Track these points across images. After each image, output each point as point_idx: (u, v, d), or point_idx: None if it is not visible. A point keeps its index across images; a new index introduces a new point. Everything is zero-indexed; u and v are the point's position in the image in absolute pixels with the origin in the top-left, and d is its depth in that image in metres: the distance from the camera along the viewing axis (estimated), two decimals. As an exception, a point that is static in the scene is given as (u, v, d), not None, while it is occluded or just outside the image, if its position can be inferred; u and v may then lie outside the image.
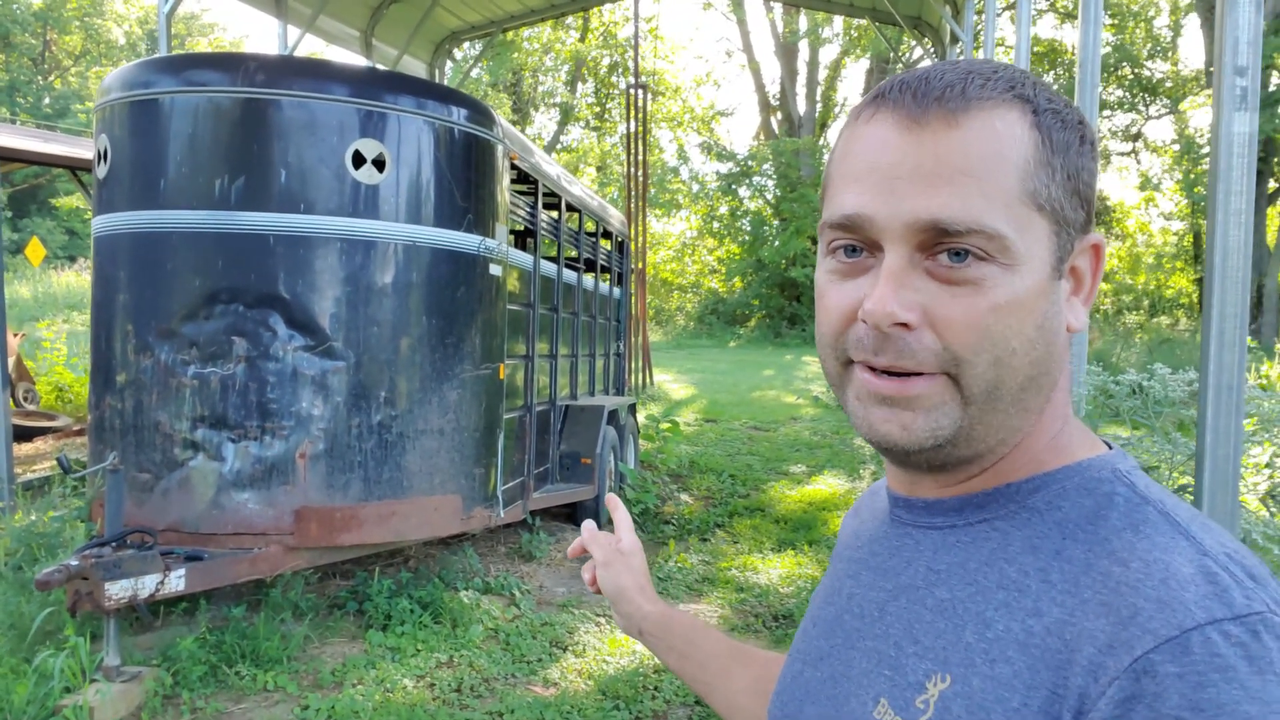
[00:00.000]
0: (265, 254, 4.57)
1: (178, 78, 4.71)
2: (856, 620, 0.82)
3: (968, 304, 0.68)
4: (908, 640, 0.75)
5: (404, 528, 4.81)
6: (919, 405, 0.70)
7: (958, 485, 0.77)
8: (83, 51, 40.46)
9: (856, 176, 0.71)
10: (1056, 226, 0.71)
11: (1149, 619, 0.61)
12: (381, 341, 4.74)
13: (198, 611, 4.67)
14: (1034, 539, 0.72)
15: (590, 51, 27.34)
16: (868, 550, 0.87)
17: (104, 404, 4.77)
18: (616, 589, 1.22)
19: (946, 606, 0.74)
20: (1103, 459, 0.76)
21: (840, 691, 0.80)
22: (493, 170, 5.23)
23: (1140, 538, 0.68)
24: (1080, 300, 0.76)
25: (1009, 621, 0.69)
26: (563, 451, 6.79)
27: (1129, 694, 0.59)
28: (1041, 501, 0.74)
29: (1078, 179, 0.72)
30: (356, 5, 11.16)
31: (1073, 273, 0.75)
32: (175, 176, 4.60)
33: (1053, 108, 0.72)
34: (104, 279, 4.84)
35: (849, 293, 0.72)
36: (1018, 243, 0.68)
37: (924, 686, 0.71)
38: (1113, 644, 0.62)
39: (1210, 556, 0.65)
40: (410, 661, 4.53)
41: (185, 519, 4.54)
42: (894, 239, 0.69)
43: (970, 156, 0.68)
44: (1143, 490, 0.73)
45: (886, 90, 0.73)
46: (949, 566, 0.76)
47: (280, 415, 4.58)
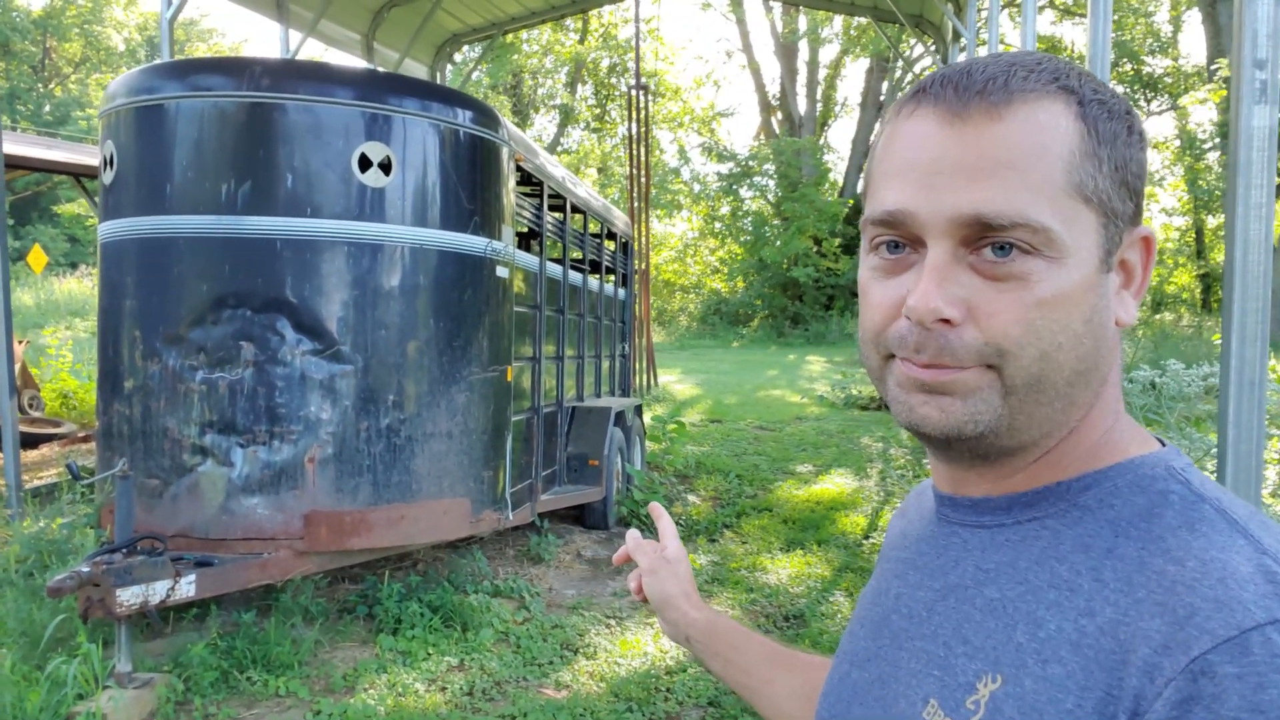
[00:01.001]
0: (272, 258, 4.56)
1: (183, 83, 4.71)
2: (904, 620, 0.82)
3: (1013, 299, 0.67)
4: (957, 640, 0.74)
5: (413, 531, 4.80)
6: (957, 390, 0.70)
7: (1004, 482, 0.76)
8: (83, 59, 40.52)
9: (898, 172, 0.71)
10: (1104, 219, 0.70)
11: (1206, 619, 0.60)
12: (389, 345, 4.73)
13: (209, 617, 4.66)
14: (1086, 537, 0.71)
15: (590, 53, 27.35)
16: (915, 550, 0.86)
17: (112, 410, 4.76)
18: (663, 596, 1.22)
19: (996, 606, 0.73)
20: (1156, 456, 0.75)
21: (889, 692, 0.79)
22: (498, 172, 5.22)
23: (1196, 536, 0.67)
24: (1130, 294, 0.75)
25: (1061, 621, 0.68)
26: (570, 453, 6.78)
27: (1187, 695, 0.58)
28: (1093, 499, 0.73)
29: (1126, 170, 0.71)
30: (358, 9, 11.16)
31: (1123, 266, 0.74)
32: (181, 182, 4.59)
33: (1099, 98, 0.70)
34: (111, 285, 4.84)
35: (892, 289, 0.72)
36: (1064, 235, 0.67)
37: (974, 687, 0.70)
38: (1169, 644, 0.61)
39: (1269, 555, 0.64)
40: (421, 665, 4.52)
41: (195, 524, 4.53)
42: (937, 234, 0.69)
43: (1013, 149, 0.67)
44: (1198, 488, 0.71)
45: (928, 85, 0.72)
46: (998, 565, 0.75)
47: (289, 420, 4.57)
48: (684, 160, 31.45)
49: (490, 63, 24.10)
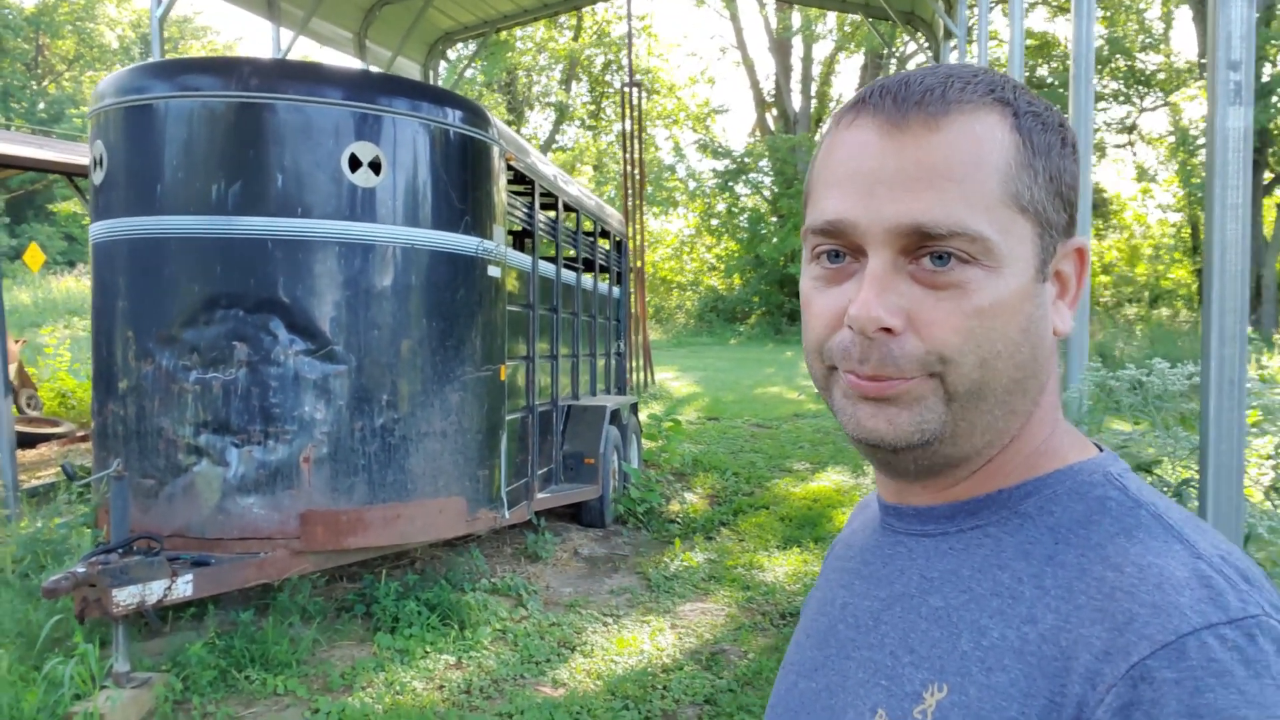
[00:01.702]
0: (264, 258, 4.56)
1: (172, 83, 4.71)
2: (851, 630, 0.82)
3: (952, 307, 0.68)
4: (903, 649, 0.75)
5: (409, 530, 4.81)
6: (902, 402, 0.70)
7: (947, 491, 0.77)
8: (76, 56, 40.40)
9: (838, 182, 0.72)
10: (1040, 229, 0.71)
11: (1145, 625, 0.61)
12: (382, 344, 4.73)
13: (206, 616, 4.67)
14: (1027, 545, 0.72)
15: (584, 50, 27.32)
16: (860, 560, 0.86)
17: (107, 410, 4.76)
18: None
19: (941, 615, 0.73)
20: (1094, 462, 0.75)
21: (837, 702, 0.79)
22: (489, 171, 5.23)
23: (1134, 542, 0.67)
24: (1066, 304, 0.76)
25: (1004, 629, 0.68)
26: (566, 452, 6.80)
27: (1127, 701, 0.59)
28: (1033, 507, 0.73)
29: (1060, 181, 0.72)
30: (349, 7, 11.15)
31: (1058, 276, 0.74)
32: (172, 182, 4.59)
33: (1033, 110, 0.72)
34: (103, 285, 4.84)
35: (834, 298, 0.72)
36: (1000, 245, 0.68)
37: (921, 696, 0.71)
38: (1109, 651, 0.62)
39: (1205, 560, 0.65)
40: (419, 663, 4.53)
41: (191, 524, 4.54)
42: (877, 244, 0.69)
43: (951, 160, 0.68)
44: (1135, 493, 0.72)
45: (867, 95, 0.73)
46: (942, 574, 0.75)
47: (283, 419, 4.57)
48: (679, 157, 31.46)
49: (484, 60, 24.08)
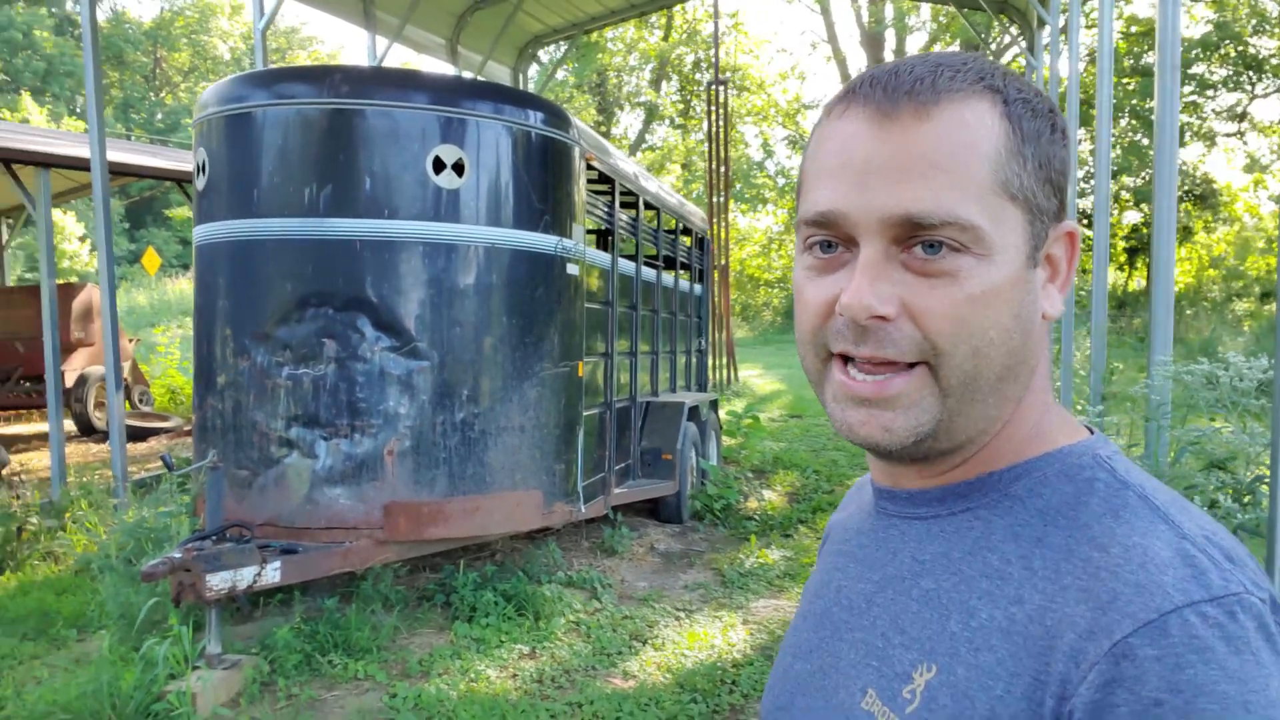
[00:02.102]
0: (352, 259, 4.73)
1: (269, 91, 4.92)
2: (845, 613, 0.83)
3: (944, 295, 0.69)
4: (894, 631, 0.76)
5: (487, 522, 4.93)
6: (898, 405, 0.71)
7: (940, 476, 0.78)
8: (191, 68, 42.29)
9: (830, 172, 0.72)
10: (1030, 215, 0.71)
11: (1127, 603, 0.62)
12: (463, 341, 4.87)
13: (293, 602, 4.87)
14: (1016, 527, 0.72)
15: (674, 49, 27.38)
16: (855, 543, 0.88)
17: (206, 405, 5.00)
18: None
19: (931, 596, 0.74)
20: (1084, 445, 0.76)
21: (829, 683, 0.81)
22: (569, 171, 5.32)
23: (1120, 523, 0.68)
24: (1056, 287, 0.76)
25: (992, 610, 0.69)
26: (644, 447, 6.86)
27: (1109, 678, 0.60)
28: (1023, 489, 0.74)
29: (1049, 167, 0.72)
30: (441, 14, 11.43)
31: (1048, 260, 0.75)
32: (268, 186, 4.80)
33: (1022, 97, 0.72)
34: (205, 286, 5.08)
35: (826, 287, 0.73)
36: (991, 233, 0.68)
37: (910, 676, 0.72)
38: (1093, 629, 0.63)
39: (1188, 539, 0.66)
40: (494, 652, 4.65)
41: (281, 514, 4.74)
42: (868, 233, 0.69)
43: (941, 149, 0.68)
44: (1123, 475, 0.73)
45: (857, 85, 0.73)
46: (933, 557, 0.76)
47: (369, 414, 4.74)
48: (768, 154, 31.24)
49: (576, 62, 24.34)
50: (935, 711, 0.69)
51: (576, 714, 4.07)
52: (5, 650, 4.75)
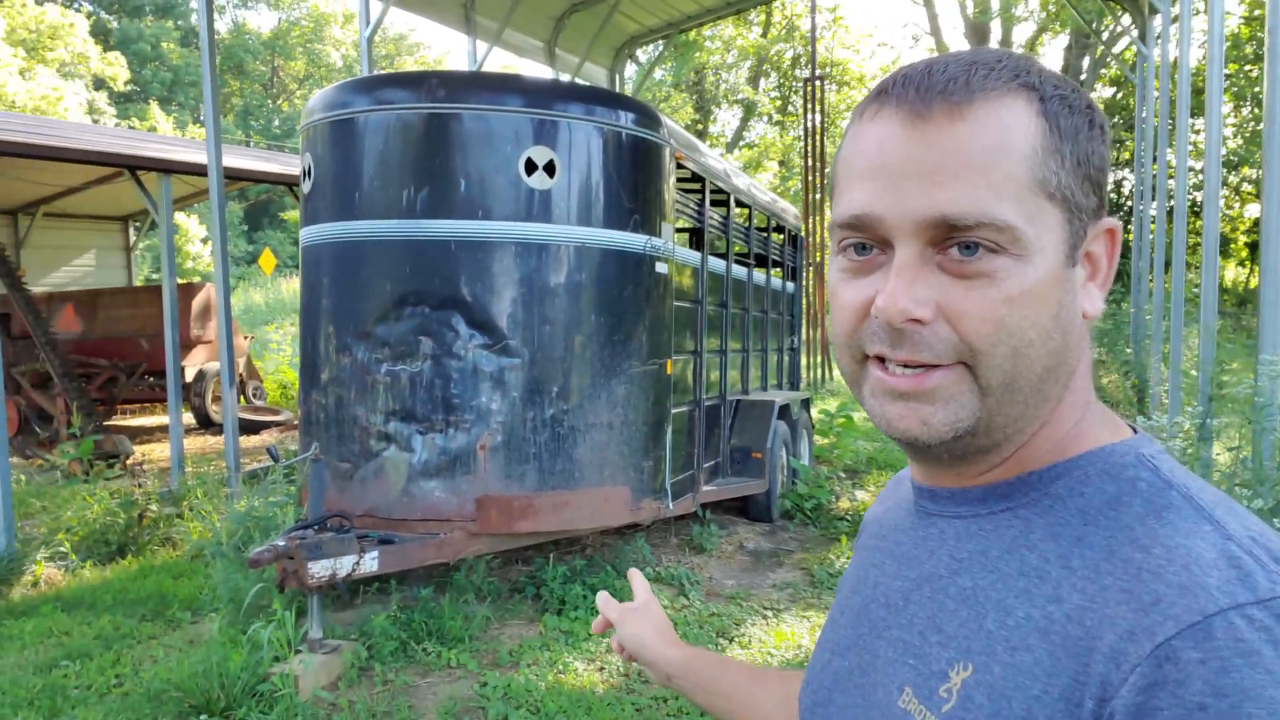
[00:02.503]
0: (448, 259, 4.87)
1: (370, 97, 5.09)
2: (882, 609, 0.83)
3: (981, 296, 0.68)
4: (931, 629, 0.75)
5: (576, 517, 5.01)
6: (936, 398, 0.70)
7: (979, 476, 0.77)
8: (306, 75, 43.90)
9: (863, 175, 0.71)
10: (1068, 214, 0.70)
11: (1171, 605, 0.61)
12: (553, 339, 4.96)
13: (390, 591, 5.04)
14: (1055, 526, 0.71)
15: (773, 46, 27.18)
16: (893, 540, 0.88)
17: (311, 400, 5.22)
18: (637, 640, 1.22)
19: (969, 595, 0.74)
20: (1126, 444, 0.75)
21: (867, 680, 0.81)
22: (659, 171, 5.36)
23: (1163, 523, 0.67)
24: (1096, 285, 0.75)
25: (1029, 609, 0.69)
26: (734, 446, 6.86)
27: (1152, 680, 0.59)
28: (1064, 488, 0.73)
29: (1088, 164, 0.71)
30: (539, 17, 11.62)
31: (1088, 258, 0.74)
32: (369, 189, 4.98)
33: (1059, 94, 0.70)
34: (310, 286, 5.30)
35: (861, 290, 0.72)
36: (1029, 233, 0.68)
37: (947, 675, 0.72)
38: (1134, 630, 0.61)
39: (1234, 541, 0.64)
40: (582, 645, 4.72)
41: (380, 505, 4.91)
42: (904, 236, 0.69)
43: (976, 149, 0.67)
44: (1166, 475, 0.71)
45: (890, 86, 0.72)
46: (971, 555, 0.76)
47: (462, 409, 4.87)
48: (869, 150, 30.56)
49: (673, 61, 24.39)
50: (971, 711, 0.68)
51: (661, 708, 4.11)
52: (126, 630, 5.05)
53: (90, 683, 4.38)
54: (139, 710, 4.02)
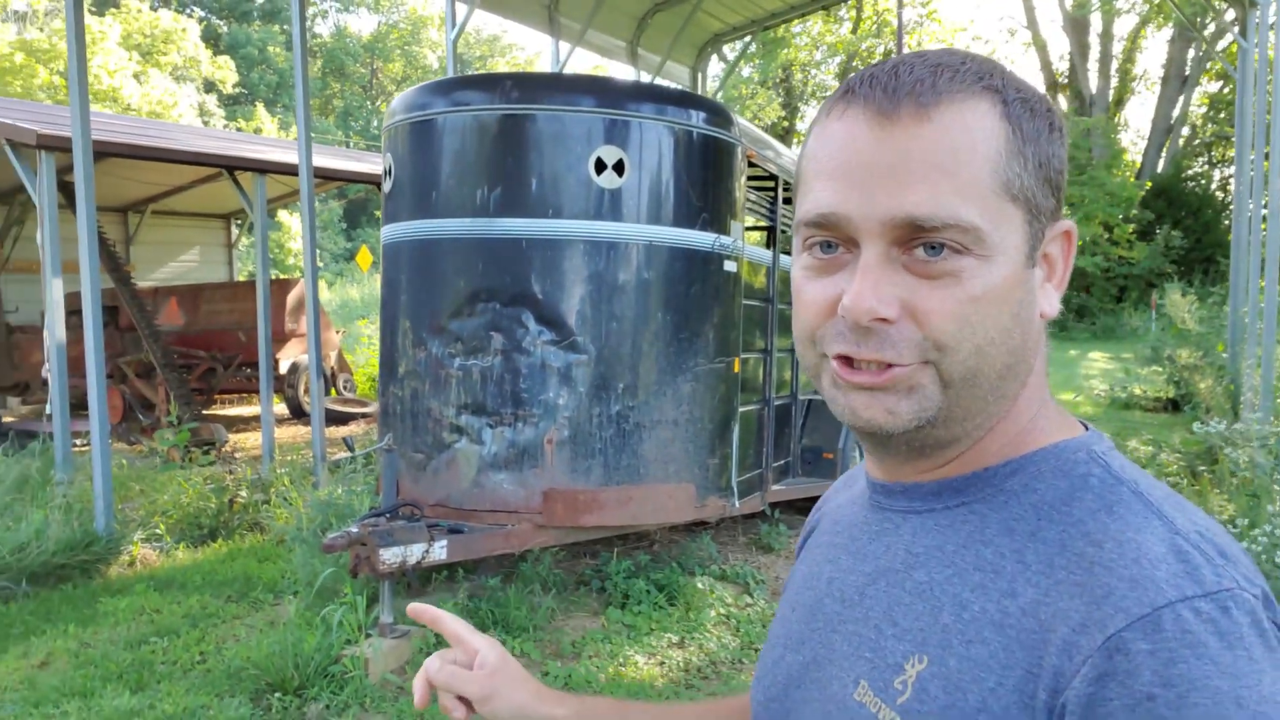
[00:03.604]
0: (519, 257, 4.97)
1: (448, 99, 5.23)
2: (837, 604, 0.83)
3: (946, 295, 0.69)
4: (887, 623, 0.76)
5: (640, 512, 5.07)
6: (900, 388, 0.72)
7: (935, 470, 0.78)
8: (403, 77, 44.96)
9: (830, 174, 0.72)
10: (1029, 215, 0.71)
11: (1121, 598, 0.63)
12: (620, 336, 5.02)
13: (458, 579, 5.17)
14: (1010, 521, 0.73)
15: (863, 41, 26.81)
16: (847, 535, 0.88)
17: (389, 392, 5.38)
18: (516, 712, 1.00)
19: (925, 589, 0.75)
20: (1079, 441, 0.76)
21: (823, 674, 0.81)
22: (729, 169, 5.37)
23: (1114, 518, 0.68)
24: (1053, 286, 0.76)
25: (985, 603, 0.70)
26: (804, 445, 6.83)
27: (1102, 671, 0.61)
28: (1018, 484, 0.74)
29: (1049, 166, 0.72)
30: (622, 17, 11.70)
31: (1045, 259, 0.75)
32: (445, 188, 5.11)
33: (1021, 97, 0.72)
34: (389, 282, 5.47)
35: (826, 288, 0.73)
36: (992, 234, 0.69)
37: (902, 668, 0.73)
38: (1086, 623, 0.63)
39: (1181, 535, 0.66)
40: (644, 639, 4.77)
41: (451, 495, 5.04)
42: (870, 235, 0.70)
43: (942, 151, 0.68)
44: (1117, 471, 0.73)
45: (856, 85, 0.73)
46: (927, 550, 0.77)
47: (531, 404, 4.97)
48: (964, 146, 29.88)
49: (760, 58, 24.26)
50: (926, 703, 0.70)
51: (718, 704, 4.13)
52: (212, 610, 5.30)
53: (176, 659, 4.61)
54: (219, 686, 4.22)
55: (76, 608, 5.32)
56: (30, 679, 4.38)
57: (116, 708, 3.98)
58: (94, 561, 5.91)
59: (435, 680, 1.00)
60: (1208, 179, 27.18)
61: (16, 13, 28.14)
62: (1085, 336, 22.80)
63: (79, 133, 6.25)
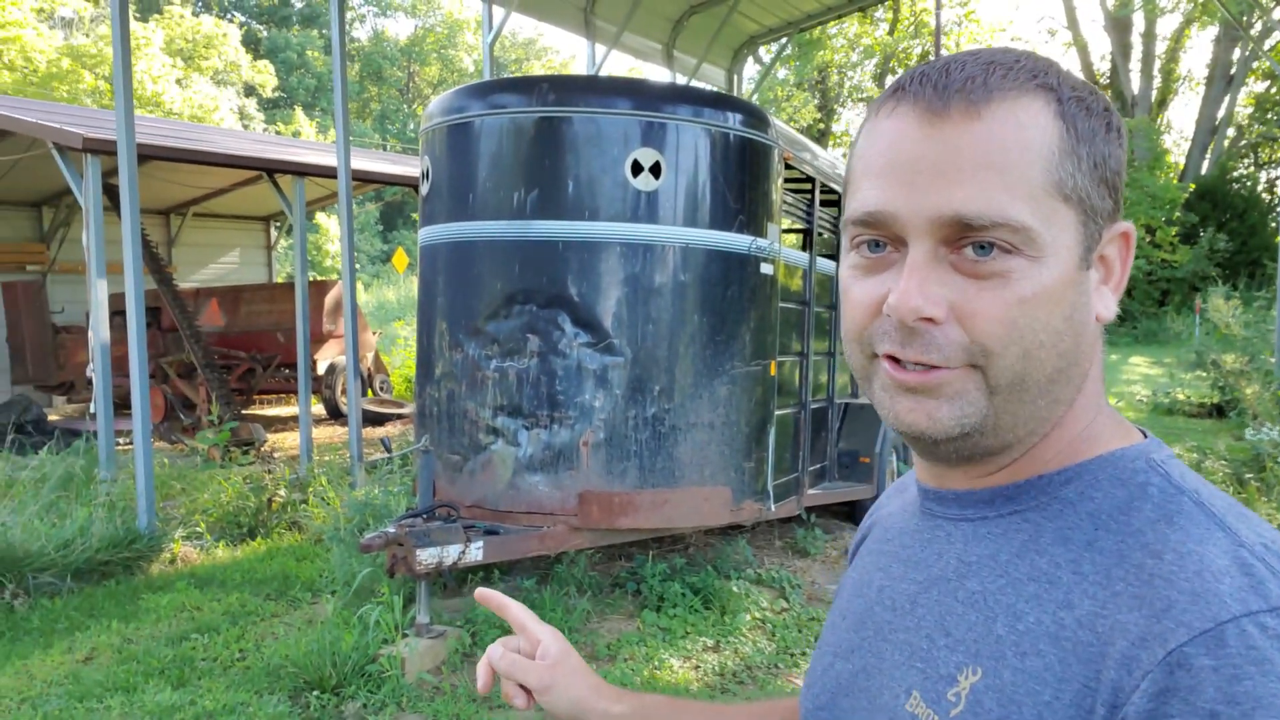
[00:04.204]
0: (555, 259, 4.97)
1: (484, 102, 5.25)
2: (888, 613, 0.82)
3: (994, 297, 0.68)
4: (939, 632, 0.75)
5: (675, 515, 5.05)
6: (943, 394, 0.70)
7: (988, 477, 0.77)
8: (440, 80, 45.30)
9: (878, 172, 0.71)
10: (1084, 216, 0.70)
11: (1183, 611, 0.61)
12: (656, 338, 5.01)
13: (494, 580, 5.19)
14: (1066, 530, 0.71)
15: (900, 43, 26.63)
16: (898, 543, 0.87)
17: (425, 393, 5.41)
18: (574, 705, 1.02)
19: (978, 598, 0.73)
20: (1137, 448, 0.74)
21: (873, 684, 0.80)
22: (766, 172, 5.35)
23: (1174, 529, 0.66)
24: (1110, 289, 0.74)
25: (1040, 614, 0.68)
26: (841, 449, 6.77)
27: (1163, 687, 0.59)
28: (1074, 493, 0.73)
29: (1105, 166, 0.70)
30: (658, 20, 11.71)
31: (1102, 261, 0.73)
32: (482, 191, 5.13)
33: (1077, 95, 0.70)
34: (426, 284, 5.50)
35: (873, 288, 0.72)
36: (1044, 234, 0.68)
37: (955, 679, 0.71)
38: (1146, 637, 0.61)
39: (1246, 547, 0.64)
40: (679, 643, 4.76)
41: (487, 497, 5.06)
42: (918, 234, 0.69)
43: (993, 149, 0.67)
44: (1177, 480, 0.71)
45: (906, 83, 0.72)
46: (980, 558, 0.75)
47: (566, 406, 4.97)
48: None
49: (797, 60, 24.17)
50: (980, 716, 0.68)
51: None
52: (252, 608, 5.36)
53: (216, 655, 4.67)
54: (258, 684, 4.26)
55: (119, 604, 5.40)
56: (74, 673, 4.45)
57: (158, 703, 4.03)
58: (136, 558, 6.01)
59: (498, 667, 1.02)
60: (1254, 181, 26.68)
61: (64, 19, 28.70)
62: (1127, 341, 22.47)
63: (124, 136, 6.36)
